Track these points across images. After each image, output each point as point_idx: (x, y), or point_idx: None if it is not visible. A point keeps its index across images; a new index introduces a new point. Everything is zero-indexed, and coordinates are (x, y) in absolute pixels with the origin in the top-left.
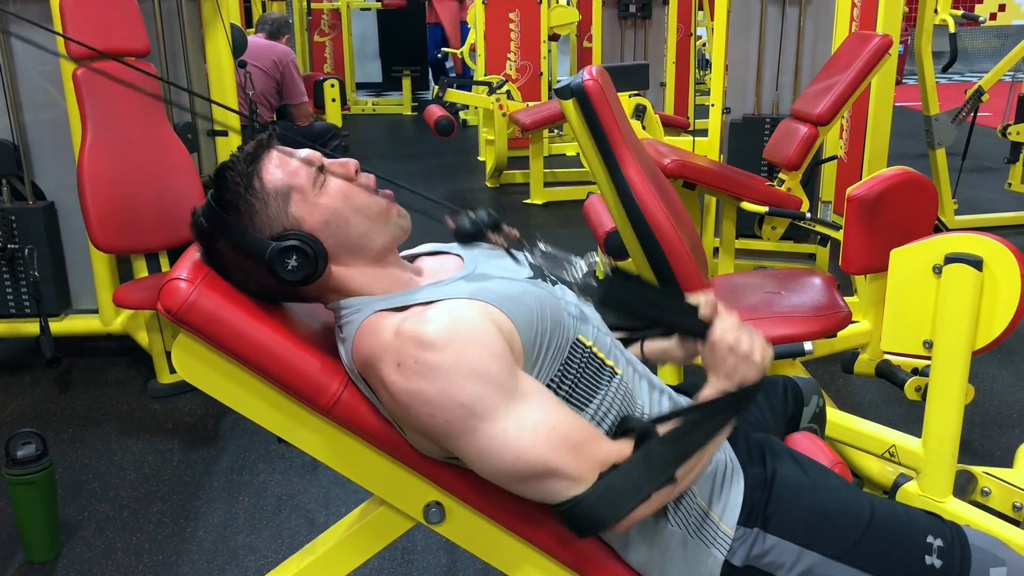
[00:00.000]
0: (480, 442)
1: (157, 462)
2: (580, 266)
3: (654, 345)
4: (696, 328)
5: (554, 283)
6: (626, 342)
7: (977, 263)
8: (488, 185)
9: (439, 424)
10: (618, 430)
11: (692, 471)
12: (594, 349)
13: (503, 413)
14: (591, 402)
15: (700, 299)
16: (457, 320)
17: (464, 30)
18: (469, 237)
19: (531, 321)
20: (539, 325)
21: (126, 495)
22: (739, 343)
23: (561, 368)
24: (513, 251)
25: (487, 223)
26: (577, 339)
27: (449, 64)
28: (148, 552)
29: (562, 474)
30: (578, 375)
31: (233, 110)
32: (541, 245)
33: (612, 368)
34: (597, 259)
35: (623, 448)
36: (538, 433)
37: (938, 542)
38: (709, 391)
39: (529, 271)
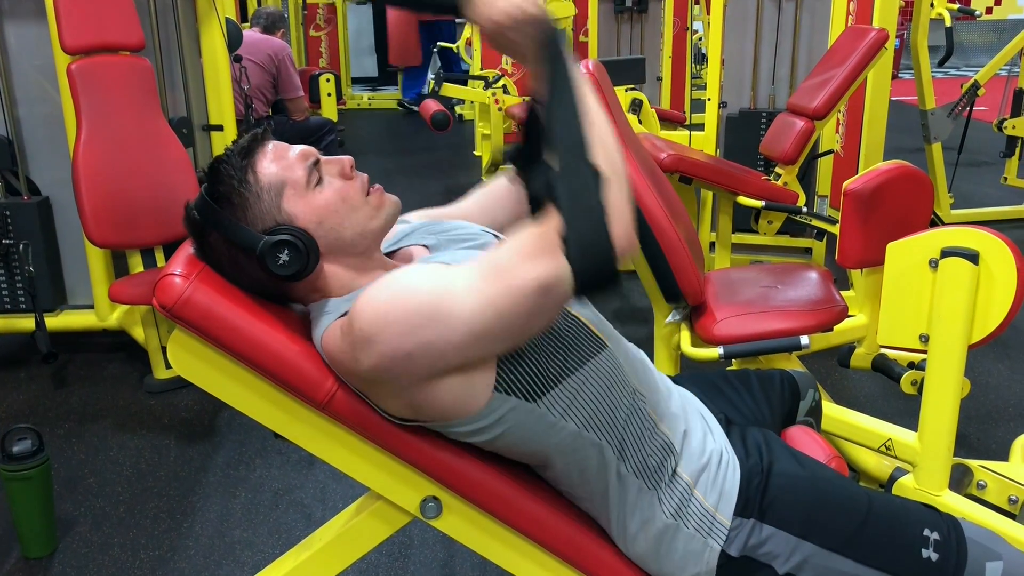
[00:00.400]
0: (463, 330)
1: (153, 458)
2: None
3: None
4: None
5: None
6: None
7: (973, 257)
8: (484, 180)
9: (424, 354)
10: (533, 206)
11: (604, 146)
12: (579, 317)
13: (453, 296)
14: (580, 369)
15: None
16: (378, 282)
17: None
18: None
19: None
20: None
21: (122, 491)
22: (499, 5)
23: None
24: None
25: None
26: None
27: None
28: (144, 547)
29: (540, 283)
30: (561, 336)
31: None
32: None
33: (600, 339)
34: None
35: (551, 215)
36: (487, 279)
37: (935, 535)
38: (525, 79)
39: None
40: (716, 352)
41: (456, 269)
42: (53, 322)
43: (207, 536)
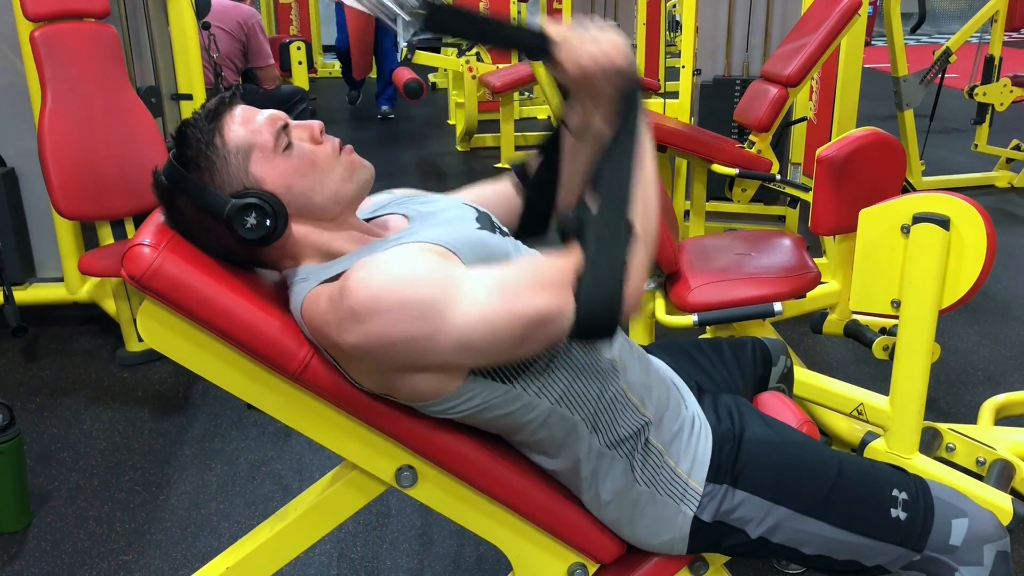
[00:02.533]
0: (453, 336)
1: (128, 430)
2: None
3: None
4: (534, 42)
5: (505, 234)
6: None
7: (944, 223)
8: (458, 149)
9: (407, 347)
10: (561, 237)
11: (645, 208)
12: None
13: (454, 300)
14: (553, 347)
15: (538, 21)
16: (377, 258)
17: None
18: None
19: (471, 244)
20: (482, 250)
21: (96, 464)
22: (589, 51)
23: None
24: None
25: None
26: None
27: None
28: (120, 520)
29: (541, 315)
30: None
31: None
32: None
33: None
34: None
35: (573, 253)
36: (493, 295)
37: (903, 495)
38: (597, 122)
39: (478, 224)
40: (690, 319)
41: (464, 273)
42: (22, 295)
43: (183, 508)
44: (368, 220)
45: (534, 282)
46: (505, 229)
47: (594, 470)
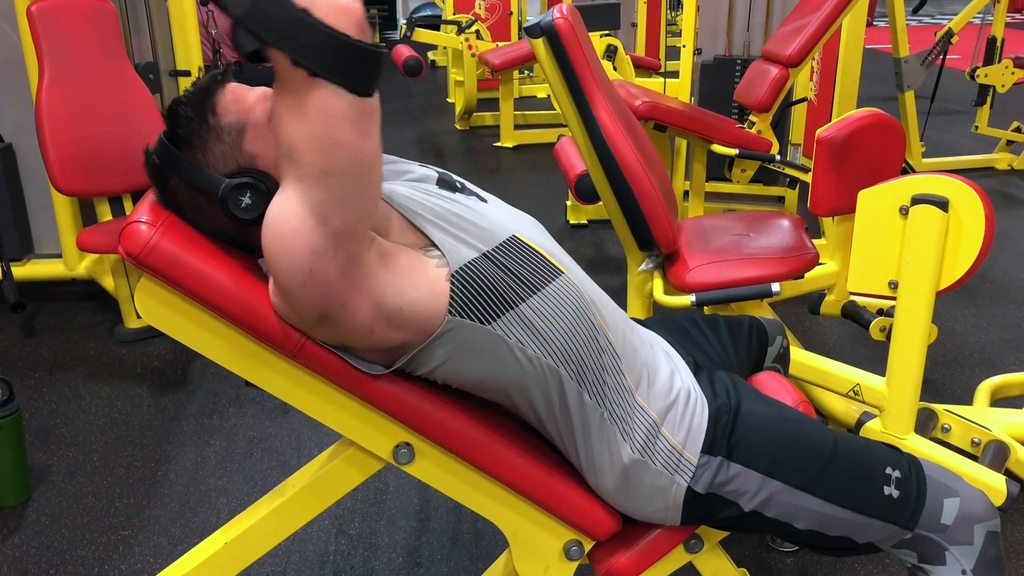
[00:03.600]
0: (328, 206)
1: (126, 407)
2: None
3: None
4: None
5: (470, 194)
6: None
7: (943, 204)
8: (457, 127)
9: (322, 259)
10: (252, 59)
11: None
12: (533, 246)
13: (302, 189)
14: (535, 294)
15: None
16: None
17: None
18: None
19: (418, 201)
20: (437, 204)
21: (96, 440)
22: None
23: (494, 250)
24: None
25: None
26: (514, 236)
27: None
28: (119, 496)
29: (323, 113)
30: (514, 262)
31: None
32: None
33: (555, 266)
34: None
35: (277, 64)
36: (303, 157)
37: (896, 473)
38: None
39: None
40: (688, 299)
41: (285, 175)
42: (20, 271)
43: (182, 484)
44: None
45: (291, 111)
46: (470, 186)
47: (585, 429)
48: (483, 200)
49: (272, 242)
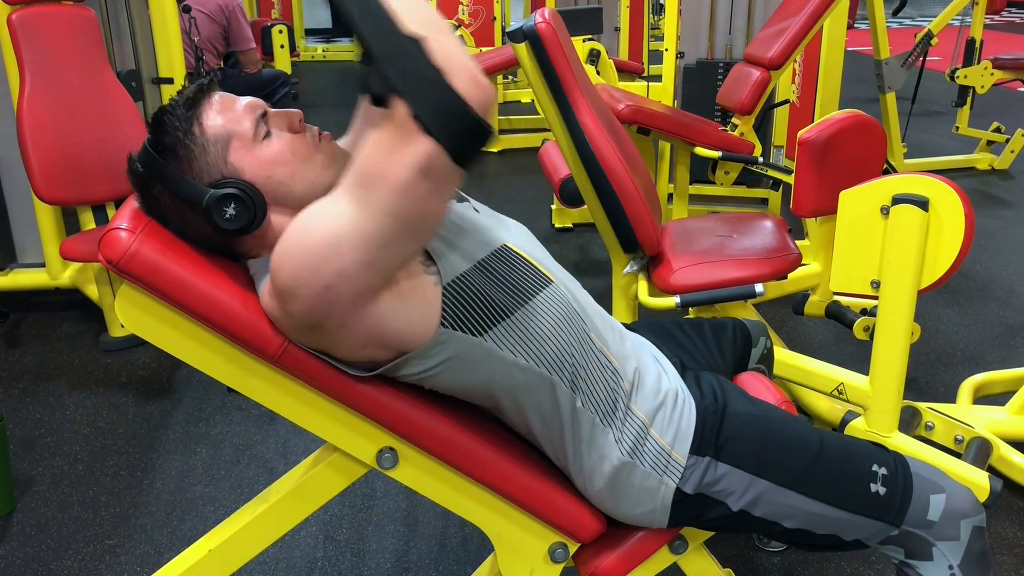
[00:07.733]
0: (369, 245)
1: (111, 416)
2: None
3: None
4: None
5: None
6: None
7: (923, 204)
8: None
9: (341, 283)
10: (376, 103)
11: (408, 11)
12: (523, 255)
13: (349, 216)
14: (526, 304)
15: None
16: (285, 233)
17: None
18: None
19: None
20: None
21: (81, 449)
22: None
23: (484, 261)
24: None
25: None
26: (504, 245)
27: None
28: (105, 505)
29: (415, 168)
30: (505, 272)
31: None
32: None
33: (545, 275)
34: None
35: (394, 106)
36: (367, 187)
37: (883, 471)
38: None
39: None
40: (673, 301)
41: (336, 192)
42: (3, 281)
43: (168, 492)
44: None
45: (386, 152)
46: (464, 196)
47: (576, 436)
48: (475, 210)
49: (298, 244)
